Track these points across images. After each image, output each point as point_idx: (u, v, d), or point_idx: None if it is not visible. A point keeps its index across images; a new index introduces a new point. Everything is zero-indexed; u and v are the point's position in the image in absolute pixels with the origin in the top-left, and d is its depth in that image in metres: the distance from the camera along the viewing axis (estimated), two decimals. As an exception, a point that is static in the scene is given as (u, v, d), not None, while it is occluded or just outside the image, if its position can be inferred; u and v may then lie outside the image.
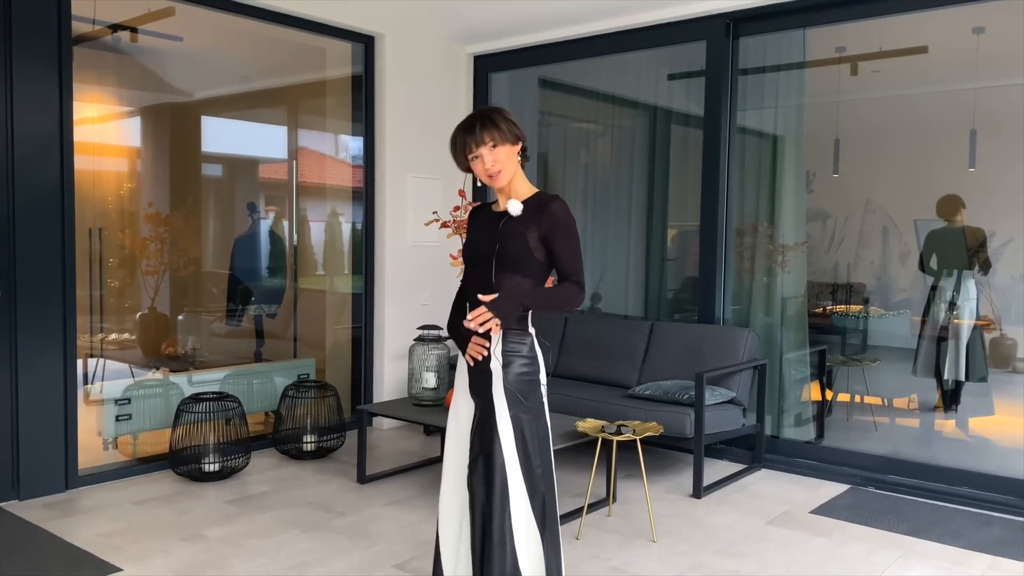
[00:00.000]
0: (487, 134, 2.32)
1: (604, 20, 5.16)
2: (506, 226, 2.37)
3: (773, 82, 4.97)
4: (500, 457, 2.33)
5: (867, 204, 6.08)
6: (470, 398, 2.46)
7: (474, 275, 2.44)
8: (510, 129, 2.35)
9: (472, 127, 2.34)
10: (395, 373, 5.54)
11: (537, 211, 2.34)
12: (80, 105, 4.20)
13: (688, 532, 3.68)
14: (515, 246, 2.34)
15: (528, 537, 2.34)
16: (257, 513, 3.83)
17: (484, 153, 2.32)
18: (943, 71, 5.48)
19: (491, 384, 2.37)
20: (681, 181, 5.65)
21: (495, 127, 2.33)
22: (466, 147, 2.35)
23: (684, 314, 5.82)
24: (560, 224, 2.34)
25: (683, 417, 4.13)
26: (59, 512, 3.79)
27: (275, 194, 6.27)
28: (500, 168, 2.33)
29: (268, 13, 4.85)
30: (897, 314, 5.67)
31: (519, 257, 2.34)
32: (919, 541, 3.60)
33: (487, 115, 2.36)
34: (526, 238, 2.34)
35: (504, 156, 2.34)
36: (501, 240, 2.35)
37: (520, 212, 2.35)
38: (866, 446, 4.94)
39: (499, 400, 2.35)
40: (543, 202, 2.36)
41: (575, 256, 2.36)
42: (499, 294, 2.29)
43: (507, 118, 2.37)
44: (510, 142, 2.35)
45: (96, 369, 5.09)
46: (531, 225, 2.34)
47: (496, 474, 2.32)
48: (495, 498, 2.31)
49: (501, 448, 2.33)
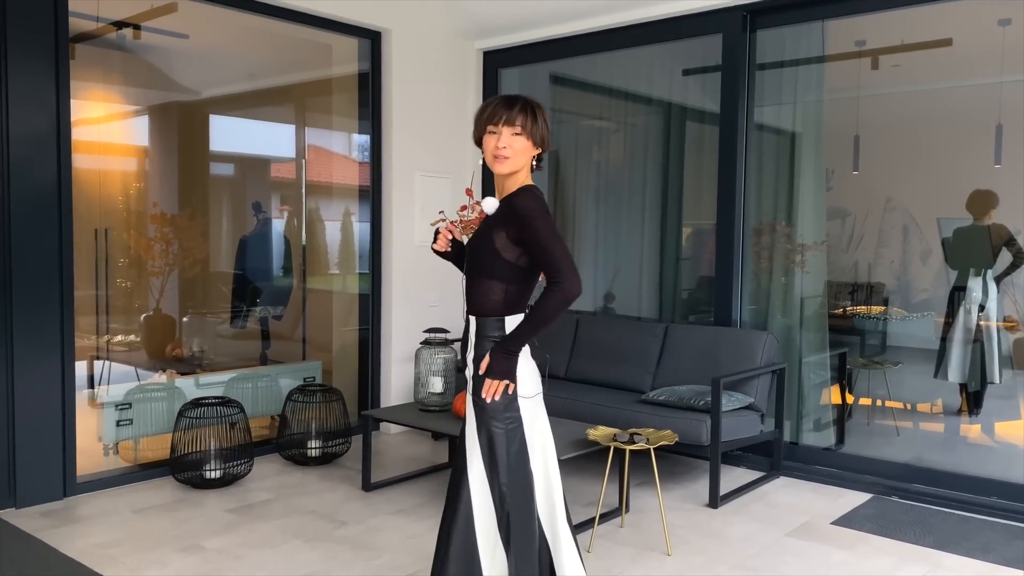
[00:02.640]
0: (521, 118, 2.19)
1: (617, 13, 5.01)
2: (480, 227, 2.27)
3: (791, 77, 4.82)
4: (466, 473, 2.21)
5: (887, 202, 5.91)
6: None
7: (465, 282, 2.33)
8: (540, 130, 2.23)
9: (512, 104, 2.22)
10: (403, 376, 5.42)
11: (505, 209, 2.21)
12: (86, 104, 4.11)
13: (704, 544, 3.53)
14: (480, 249, 2.22)
15: (494, 557, 2.20)
16: (258, 522, 3.72)
17: (504, 132, 2.19)
18: (967, 65, 5.29)
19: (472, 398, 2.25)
20: (696, 179, 5.50)
21: (531, 118, 2.21)
22: (494, 118, 2.20)
23: (699, 315, 5.67)
24: (522, 217, 2.12)
25: (699, 424, 3.98)
26: (56, 521, 3.69)
27: (282, 193, 6.18)
28: (509, 155, 2.19)
29: (273, 8, 4.74)
30: (921, 316, 5.49)
31: (484, 261, 2.21)
32: (947, 555, 3.44)
33: (531, 103, 2.25)
34: (491, 238, 2.19)
35: (519, 147, 2.20)
36: (470, 244, 2.26)
37: (494, 210, 2.23)
38: (888, 453, 4.77)
39: (470, 411, 2.24)
40: (511, 197, 2.20)
41: (547, 251, 2.09)
42: (488, 358, 2.17)
43: (545, 120, 2.26)
44: (532, 140, 2.22)
45: (102, 372, 5.01)
46: (499, 224, 2.20)
47: (462, 489, 2.20)
48: (459, 514, 2.19)
49: (467, 463, 2.21)
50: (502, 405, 2.19)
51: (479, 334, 2.22)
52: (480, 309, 2.22)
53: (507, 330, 2.19)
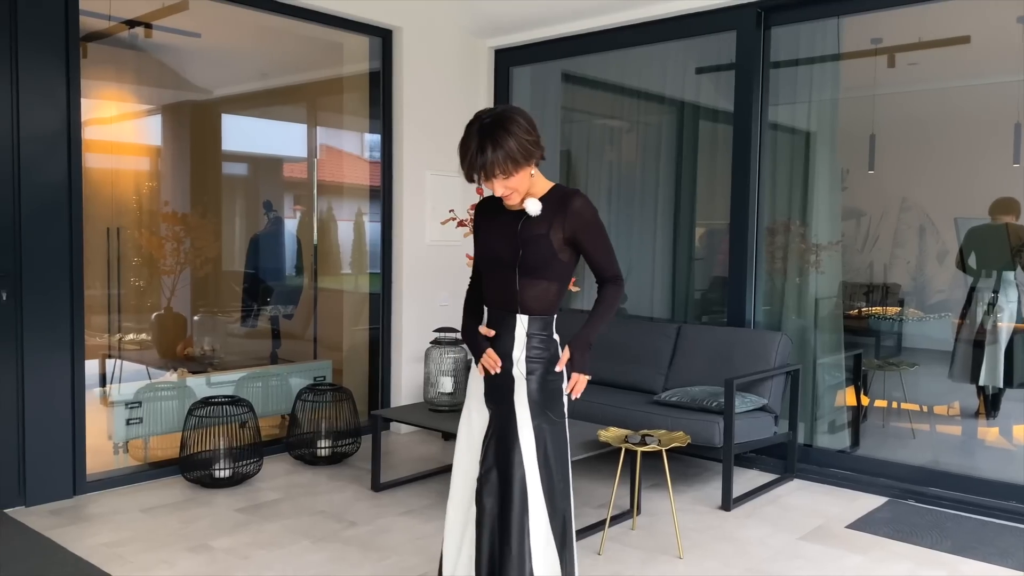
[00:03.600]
0: (498, 168, 2.06)
1: (630, 11, 4.97)
2: (525, 228, 2.19)
3: (806, 75, 4.76)
4: (520, 471, 2.17)
5: (903, 202, 5.83)
6: (484, 406, 2.31)
7: (492, 279, 2.27)
8: (524, 148, 2.06)
9: (483, 150, 2.04)
10: (413, 376, 5.39)
11: (558, 209, 2.18)
12: (98, 103, 4.11)
13: (716, 547, 3.48)
14: (538, 251, 2.18)
15: (546, 558, 2.19)
16: (266, 522, 3.70)
17: (494, 184, 2.12)
18: (986, 63, 5.22)
19: (512, 393, 2.22)
20: (710, 178, 5.45)
21: (507, 155, 2.04)
22: (473, 174, 2.11)
23: (712, 316, 5.61)
24: (587, 223, 2.20)
25: (712, 425, 3.93)
26: (65, 519, 3.68)
27: (294, 192, 6.17)
28: (514, 191, 2.15)
29: (284, 6, 4.72)
30: (939, 317, 5.41)
31: (543, 262, 2.19)
32: (965, 560, 3.37)
33: (497, 139, 2.03)
34: (549, 240, 2.18)
35: (516, 182, 2.12)
36: (523, 245, 2.18)
37: (539, 212, 2.18)
38: (904, 456, 4.70)
39: (521, 410, 2.21)
40: (563, 198, 2.19)
41: (610, 253, 2.26)
42: (570, 354, 2.22)
43: (521, 134, 2.06)
44: (525, 165, 2.09)
45: (114, 370, 5.01)
46: (553, 225, 2.17)
47: (514, 490, 2.16)
48: (512, 515, 2.15)
49: (522, 462, 2.18)
50: (560, 402, 2.24)
51: (530, 332, 2.22)
52: (532, 308, 2.22)
53: (553, 327, 2.26)
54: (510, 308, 2.22)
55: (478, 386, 2.34)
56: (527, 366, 2.22)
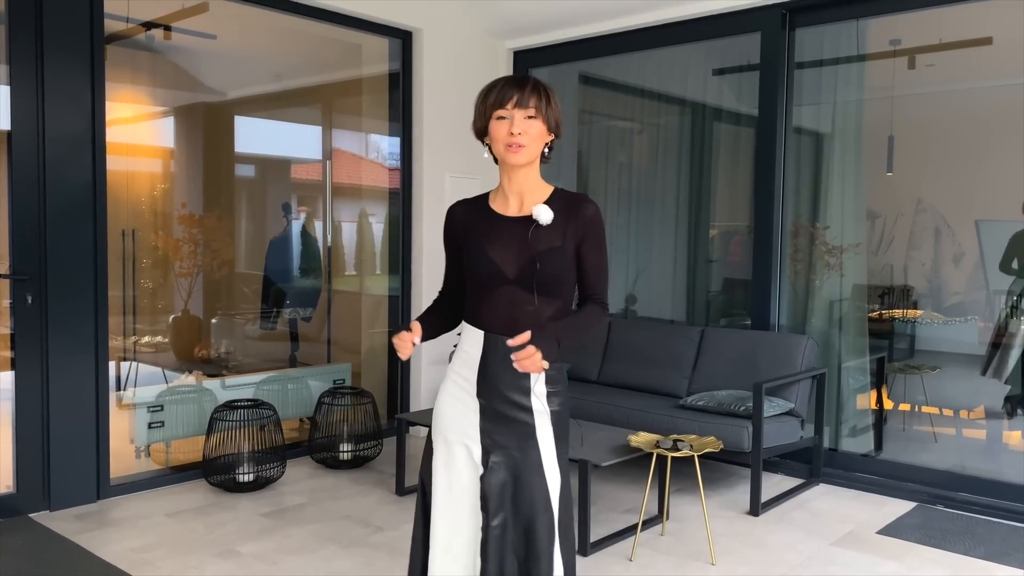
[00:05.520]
0: (534, 98, 1.92)
1: (651, 12, 4.94)
2: (537, 238, 1.95)
3: (830, 76, 4.73)
4: (546, 517, 1.94)
5: (918, 203, 5.80)
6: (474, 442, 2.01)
7: (491, 298, 1.98)
8: (554, 114, 1.97)
9: (522, 84, 1.94)
10: (433, 378, 5.36)
11: (569, 216, 1.96)
12: (113, 105, 4.09)
13: (748, 553, 3.45)
14: (555, 265, 1.95)
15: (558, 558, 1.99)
16: (293, 527, 3.67)
17: (517, 116, 1.92)
18: (1010, 64, 5.18)
19: (533, 429, 1.97)
20: (727, 180, 5.42)
21: (546, 100, 1.94)
22: (502, 101, 1.92)
23: (731, 318, 5.58)
24: (597, 235, 1.99)
25: (740, 430, 3.90)
26: (90, 524, 3.66)
27: (311, 194, 6.14)
28: (525, 142, 1.92)
29: (303, 8, 4.70)
30: (964, 320, 5.38)
31: (560, 278, 1.96)
32: (1000, 567, 3.34)
33: (543, 85, 1.97)
34: (565, 252, 1.95)
35: (534, 133, 1.93)
36: (539, 258, 1.93)
37: (551, 221, 1.95)
38: (929, 460, 4.67)
39: (547, 447, 1.97)
40: (573, 204, 1.98)
41: (605, 272, 2.02)
42: (532, 335, 1.85)
43: (558, 104, 1.99)
44: (548, 125, 1.96)
45: (129, 373, 4.98)
46: (567, 234, 1.96)
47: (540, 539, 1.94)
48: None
49: (549, 505, 1.95)
50: (566, 407, 2.04)
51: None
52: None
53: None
54: (518, 332, 1.89)
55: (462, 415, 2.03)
56: (547, 397, 1.98)
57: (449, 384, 2.09)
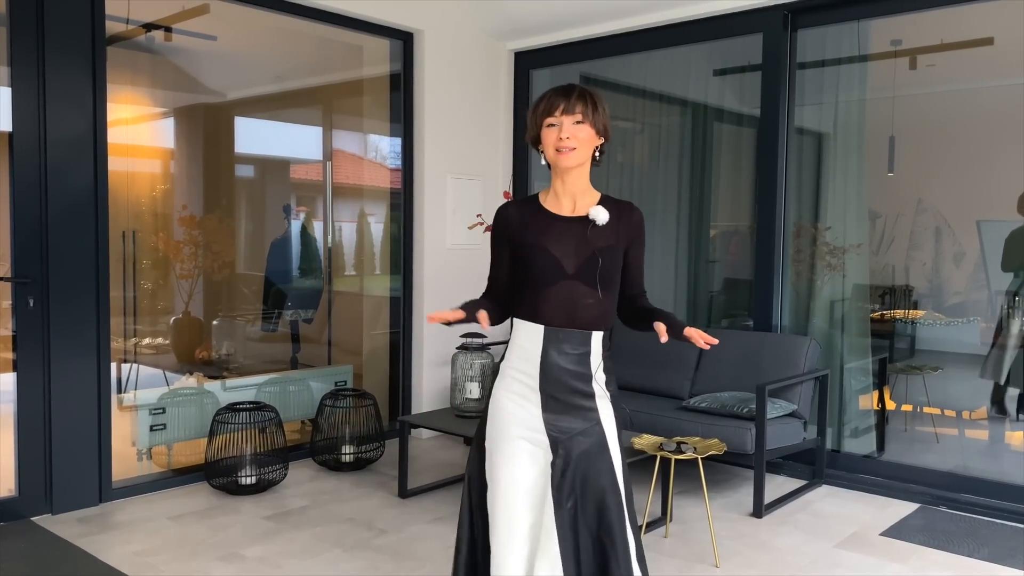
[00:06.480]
0: (580, 105, 2.07)
1: (653, 13, 4.93)
2: (595, 237, 2.11)
3: (832, 76, 4.73)
4: (615, 495, 2.06)
5: (919, 203, 5.81)
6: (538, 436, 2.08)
7: (551, 293, 2.08)
8: (602, 119, 2.11)
9: (569, 92, 2.09)
10: (435, 380, 5.35)
11: (619, 220, 2.15)
12: (113, 106, 4.07)
13: (753, 556, 3.45)
14: (612, 260, 2.12)
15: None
16: (296, 530, 3.66)
17: (565, 122, 2.07)
18: (1011, 64, 5.19)
19: (597, 414, 2.10)
20: (727, 180, 5.42)
21: (592, 106, 2.09)
22: (551, 109, 2.08)
23: (731, 319, 5.58)
24: (642, 238, 2.20)
25: (743, 432, 3.89)
26: (93, 527, 3.65)
27: (312, 195, 6.14)
28: (575, 145, 2.06)
29: (304, 9, 4.69)
30: (967, 321, 5.38)
31: (614, 274, 2.13)
32: (1005, 569, 3.34)
33: (589, 91, 2.12)
34: (617, 251, 2.13)
35: (583, 137, 2.08)
36: (601, 255, 2.09)
37: (607, 221, 2.11)
38: (931, 461, 4.67)
39: (609, 428, 2.10)
40: (622, 209, 2.17)
41: (642, 270, 2.25)
42: (668, 323, 2.07)
43: (605, 108, 2.13)
44: (596, 129, 2.11)
45: (130, 375, 4.97)
46: (619, 235, 2.14)
47: (612, 516, 2.04)
48: (616, 549, 2.02)
49: (616, 483, 2.07)
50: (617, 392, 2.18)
51: (604, 348, 2.14)
52: (606, 323, 2.14)
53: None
54: (581, 324, 2.08)
55: (524, 409, 2.10)
56: (606, 383, 2.14)
57: (507, 380, 2.15)
